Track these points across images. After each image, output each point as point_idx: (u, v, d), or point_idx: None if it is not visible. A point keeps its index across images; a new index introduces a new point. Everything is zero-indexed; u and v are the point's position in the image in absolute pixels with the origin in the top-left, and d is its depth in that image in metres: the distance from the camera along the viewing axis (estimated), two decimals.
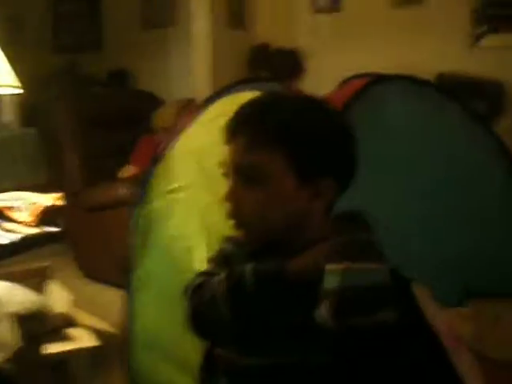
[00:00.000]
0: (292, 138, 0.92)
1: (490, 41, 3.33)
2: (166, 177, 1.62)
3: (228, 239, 1.06)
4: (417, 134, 1.63)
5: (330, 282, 0.83)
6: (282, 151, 0.91)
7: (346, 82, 1.84)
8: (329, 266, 0.85)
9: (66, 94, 3.78)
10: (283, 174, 0.92)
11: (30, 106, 3.86)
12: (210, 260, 1.04)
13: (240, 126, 0.94)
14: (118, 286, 3.01)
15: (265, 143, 0.91)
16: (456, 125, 1.82)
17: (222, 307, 0.90)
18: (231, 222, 0.97)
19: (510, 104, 3.20)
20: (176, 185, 1.58)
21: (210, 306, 0.91)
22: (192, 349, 1.51)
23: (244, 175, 0.93)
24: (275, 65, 3.82)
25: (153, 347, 1.70)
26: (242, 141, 0.93)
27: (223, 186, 1.45)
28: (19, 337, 1.06)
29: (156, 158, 1.68)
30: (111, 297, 2.98)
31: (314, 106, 0.98)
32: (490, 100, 3.12)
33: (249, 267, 0.91)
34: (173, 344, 1.60)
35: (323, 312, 0.82)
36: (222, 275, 0.93)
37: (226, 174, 0.98)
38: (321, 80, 3.37)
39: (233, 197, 0.94)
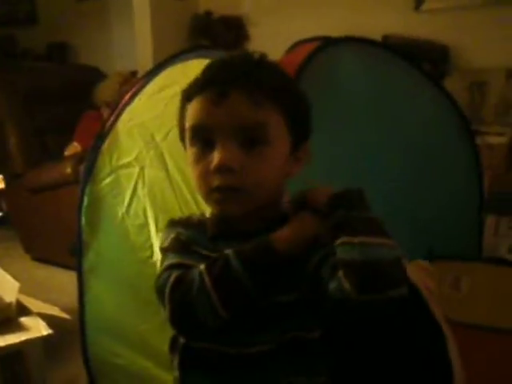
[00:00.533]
0: (286, 98, 0.86)
1: (431, 3, 3.34)
2: (113, 152, 1.55)
3: (178, 223, 0.96)
4: (371, 94, 1.61)
5: (347, 253, 0.78)
6: (280, 111, 0.85)
7: (295, 46, 1.79)
8: (342, 239, 0.79)
9: (2, 70, 3.59)
10: (283, 134, 0.87)
11: None
12: (167, 249, 0.91)
13: (234, 83, 0.83)
14: (67, 267, 2.95)
15: (266, 101, 0.84)
16: (408, 83, 1.82)
17: (211, 300, 0.80)
18: (218, 196, 0.86)
19: (454, 66, 3.23)
20: (125, 160, 1.51)
21: (198, 301, 0.81)
22: (150, 331, 1.48)
23: (248, 137, 0.83)
24: (218, 33, 3.76)
25: (109, 330, 1.66)
26: (242, 98, 0.83)
27: (173, 160, 1.41)
28: None
29: (102, 134, 1.61)
30: (61, 279, 2.93)
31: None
32: (434, 62, 3.14)
33: (230, 252, 0.83)
34: (130, 326, 1.56)
35: (344, 284, 0.77)
36: (202, 266, 0.83)
37: (201, 141, 0.86)
38: (265, 47, 3.30)
39: (234, 163, 0.83)
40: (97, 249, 1.63)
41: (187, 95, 0.90)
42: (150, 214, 1.45)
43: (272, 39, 3.53)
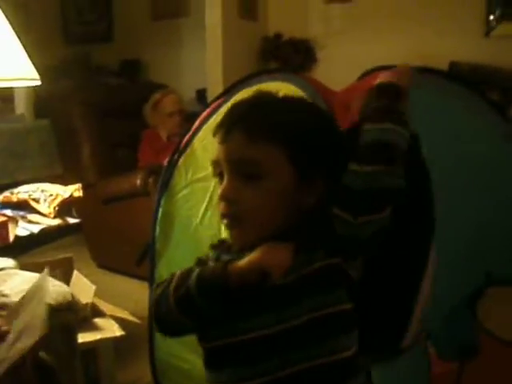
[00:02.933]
0: (286, 133, 0.94)
1: (502, 29, 3.32)
2: (189, 167, 1.63)
3: (213, 246, 1.06)
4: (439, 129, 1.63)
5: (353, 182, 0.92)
6: (280, 147, 0.93)
7: (368, 73, 1.83)
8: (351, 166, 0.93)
9: (79, 85, 3.79)
10: (282, 167, 0.93)
11: (41, 98, 3.88)
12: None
13: (235, 124, 0.95)
14: (132, 276, 3.06)
15: (263, 138, 0.92)
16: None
17: (174, 315, 0.95)
18: (225, 222, 0.97)
19: None
20: (200, 175, 1.59)
21: (166, 314, 0.96)
22: None
23: (243, 171, 0.93)
24: (287, 56, 3.83)
25: None
26: (240, 137, 0.93)
27: None
28: (46, 325, 1.07)
29: (178, 150, 1.69)
30: (126, 286, 3.04)
31: (304, 105, 1.04)
32: (504, 89, 3.12)
33: (196, 271, 0.93)
34: None
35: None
36: (172, 284, 0.96)
37: (217, 174, 0.99)
38: (332, 70, 3.38)
39: (231, 194, 0.94)
40: (169, 258, 1.71)
41: (213, 134, 1.02)
42: (219, 225, 1.52)
43: (339, 63, 3.59)
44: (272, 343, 0.89)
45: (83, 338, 1.66)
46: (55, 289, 1.41)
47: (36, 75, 2.03)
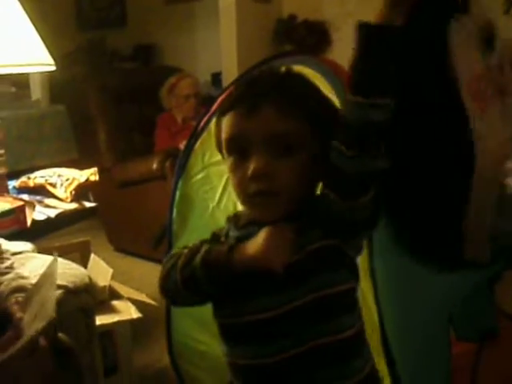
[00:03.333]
0: (311, 106, 0.94)
1: None
2: (206, 151, 1.64)
3: (229, 220, 1.05)
4: None
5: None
6: (306, 118, 0.93)
7: None
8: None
9: (93, 70, 3.79)
10: (310, 140, 0.93)
11: (56, 83, 3.89)
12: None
13: (263, 98, 0.92)
14: (149, 259, 3.08)
15: (292, 112, 0.92)
16: None
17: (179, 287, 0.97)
18: (254, 200, 0.94)
19: None
20: (217, 158, 1.59)
21: (171, 286, 1.00)
22: None
23: (276, 146, 0.91)
24: (301, 37, 3.80)
25: (193, 318, 1.74)
26: (270, 111, 0.91)
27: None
28: (55, 309, 1.09)
29: (195, 134, 1.69)
30: (143, 269, 3.06)
31: (313, 84, 1.02)
32: None
33: (204, 247, 0.95)
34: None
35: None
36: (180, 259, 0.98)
37: (236, 151, 0.95)
38: (347, 52, 3.34)
39: (267, 169, 0.91)
40: (186, 240, 1.71)
41: (222, 111, 0.99)
42: (239, 207, 1.52)
43: (353, 44, 3.55)
44: (280, 323, 0.91)
45: (101, 320, 1.68)
46: (72, 271, 1.42)
47: (51, 60, 2.04)
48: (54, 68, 2.09)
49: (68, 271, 1.39)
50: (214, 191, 1.60)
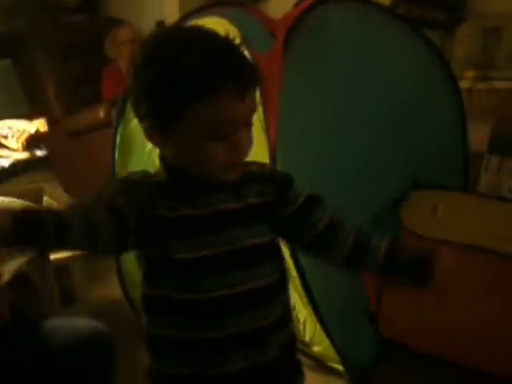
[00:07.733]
0: (260, 72, 0.94)
1: None
2: None
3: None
4: (360, 53, 1.79)
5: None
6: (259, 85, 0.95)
7: (300, 2, 1.96)
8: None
9: (38, 23, 3.80)
10: None
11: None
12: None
13: (255, 77, 0.90)
14: None
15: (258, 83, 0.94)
16: (401, 46, 1.97)
17: None
18: (231, 168, 0.91)
19: (470, 12, 3.29)
20: None
21: None
22: None
23: (250, 122, 0.92)
24: None
25: None
26: (254, 90, 0.90)
27: None
28: None
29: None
30: None
31: None
32: (450, 8, 3.22)
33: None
34: None
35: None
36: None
37: (222, 135, 0.88)
38: (284, 4, 3.42)
39: (251, 147, 0.93)
40: None
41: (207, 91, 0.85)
42: None
43: None
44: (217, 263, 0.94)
45: (55, 255, 1.83)
46: (26, 204, 1.55)
47: None
48: None
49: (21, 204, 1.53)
50: None
